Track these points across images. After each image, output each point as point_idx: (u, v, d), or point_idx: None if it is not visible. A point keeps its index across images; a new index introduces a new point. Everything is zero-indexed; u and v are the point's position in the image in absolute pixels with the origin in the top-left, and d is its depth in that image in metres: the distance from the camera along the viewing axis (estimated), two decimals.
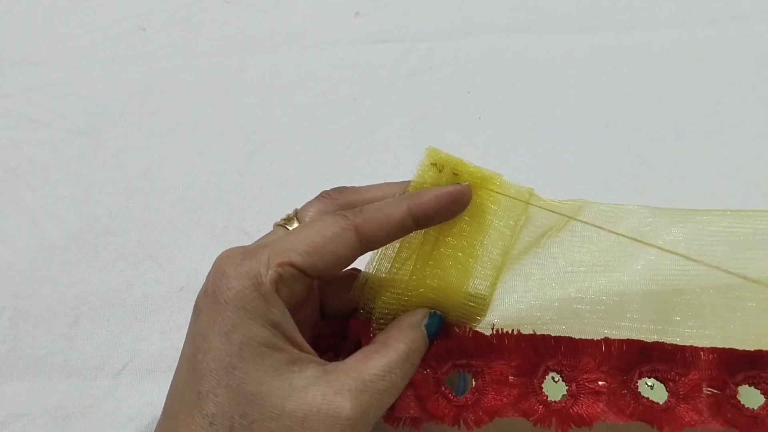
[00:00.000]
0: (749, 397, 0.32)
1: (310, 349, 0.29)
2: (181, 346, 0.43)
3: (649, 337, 0.33)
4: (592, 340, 0.33)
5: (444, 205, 0.31)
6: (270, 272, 0.27)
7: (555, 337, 0.33)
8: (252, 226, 0.46)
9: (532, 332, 0.33)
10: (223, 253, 0.29)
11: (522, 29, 0.54)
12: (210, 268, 0.29)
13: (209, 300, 0.28)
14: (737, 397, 0.32)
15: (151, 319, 0.43)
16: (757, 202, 0.46)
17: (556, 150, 0.48)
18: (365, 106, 0.51)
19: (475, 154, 0.48)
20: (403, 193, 0.32)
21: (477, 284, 0.33)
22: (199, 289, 0.44)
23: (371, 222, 0.30)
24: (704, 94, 0.50)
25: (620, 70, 0.52)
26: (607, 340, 0.33)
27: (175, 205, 0.47)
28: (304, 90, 0.52)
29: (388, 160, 0.49)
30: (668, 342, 0.33)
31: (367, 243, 0.30)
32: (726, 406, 0.32)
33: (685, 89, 0.51)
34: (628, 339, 0.33)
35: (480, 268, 0.33)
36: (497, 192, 0.33)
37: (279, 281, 0.28)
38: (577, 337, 0.33)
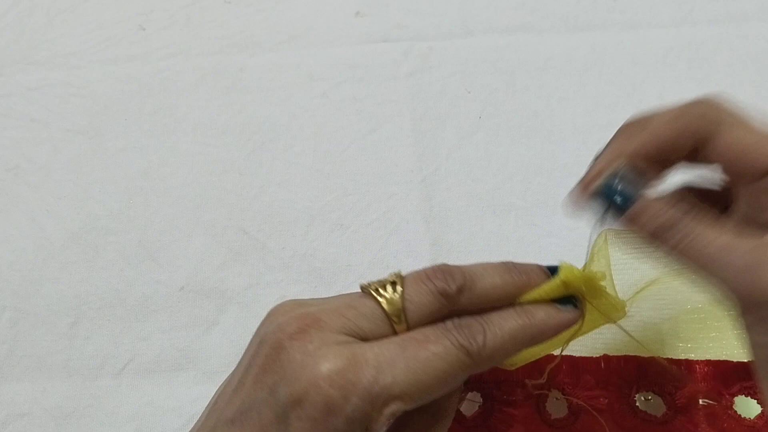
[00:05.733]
0: (745, 407, 0.32)
1: None
2: (181, 346, 0.43)
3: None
4: (592, 357, 0.33)
5: (557, 333, 0.29)
6: (382, 419, 0.25)
7: (556, 356, 0.33)
8: (252, 226, 0.46)
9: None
10: (321, 358, 0.25)
11: (522, 29, 0.54)
12: (264, 331, 0.27)
13: (308, 425, 0.25)
14: (733, 407, 0.32)
15: (151, 319, 0.43)
16: None
17: (556, 150, 0.48)
18: (365, 106, 0.51)
19: (475, 154, 0.49)
20: (520, 303, 0.29)
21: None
22: (198, 289, 0.44)
23: (488, 358, 0.27)
24: (704, 94, 0.50)
25: (620, 70, 0.52)
26: (606, 357, 0.33)
27: (175, 205, 0.47)
28: (304, 90, 0.52)
29: (388, 160, 0.49)
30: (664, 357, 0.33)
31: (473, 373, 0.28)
32: (722, 416, 0.32)
33: (685, 89, 0.51)
34: (625, 355, 0.33)
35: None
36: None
37: (386, 423, 0.26)
38: (577, 356, 0.33)
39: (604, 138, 0.49)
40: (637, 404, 0.33)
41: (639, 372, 0.33)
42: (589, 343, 0.33)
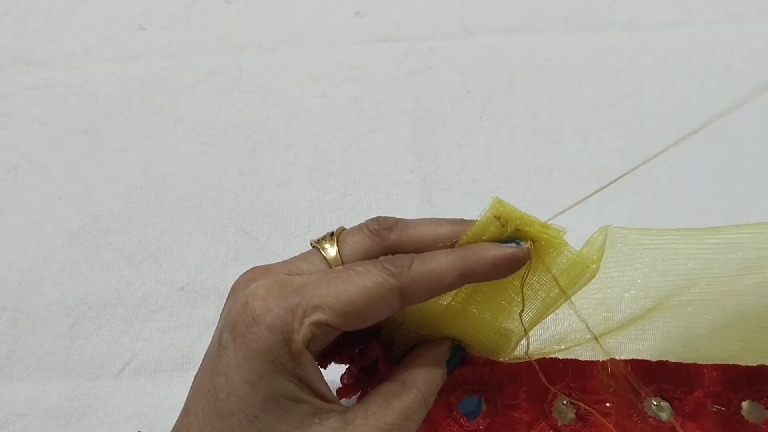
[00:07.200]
0: (753, 412, 0.32)
1: (333, 397, 0.29)
2: (181, 346, 0.43)
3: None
4: (599, 361, 0.33)
5: (499, 270, 0.29)
6: (303, 330, 0.26)
7: (562, 360, 0.33)
8: (252, 226, 0.46)
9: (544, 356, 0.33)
10: (254, 286, 0.28)
11: (522, 29, 0.54)
12: (232, 286, 0.29)
13: (238, 341, 0.27)
14: (741, 412, 0.32)
15: (151, 319, 0.43)
16: (757, 202, 0.46)
17: (556, 150, 0.48)
18: (365, 106, 0.51)
19: (475, 154, 0.49)
20: (455, 242, 0.29)
21: (514, 324, 0.31)
22: (198, 289, 0.45)
23: (418, 284, 0.28)
24: (704, 94, 0.50)
25: (620, 70, 0.52)
26: (613, 362, 0.33)
27: (175, 205, 0.47)
28: (304, 90, 0.52)
29: (388, 160, 0.49)
30: (673, 361, 0.33)
31: (408, 302, 0.28)
32: (730, 422, 0.32)
33: (685, 89, 0.51)
34: (633, 359, 0.33)
35: (522, 310, 0.31)
36: (558, 253, 0.30)
37: (311, 339, 0.27)
38: (584, 360, 0.33)
39: (604, 138, 0.49)
40: (646, 410, 0.33)
41: (647, 376, 0.33)
42: (598, 346, 0.33)
